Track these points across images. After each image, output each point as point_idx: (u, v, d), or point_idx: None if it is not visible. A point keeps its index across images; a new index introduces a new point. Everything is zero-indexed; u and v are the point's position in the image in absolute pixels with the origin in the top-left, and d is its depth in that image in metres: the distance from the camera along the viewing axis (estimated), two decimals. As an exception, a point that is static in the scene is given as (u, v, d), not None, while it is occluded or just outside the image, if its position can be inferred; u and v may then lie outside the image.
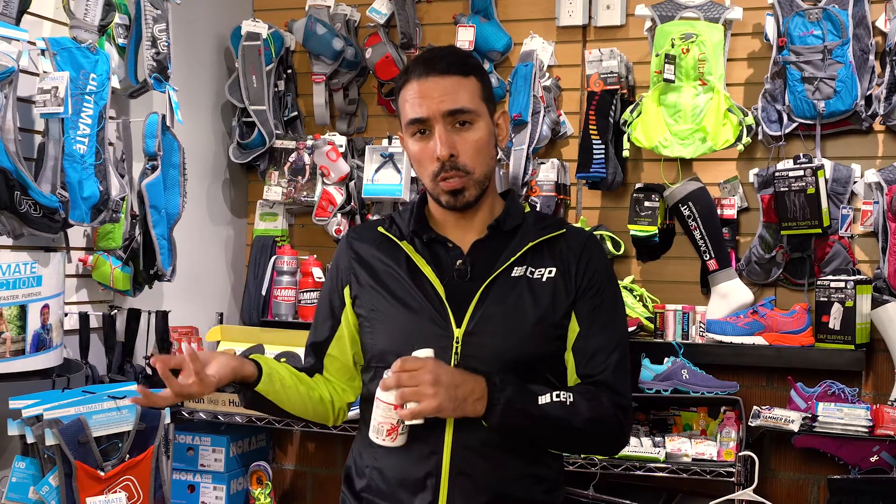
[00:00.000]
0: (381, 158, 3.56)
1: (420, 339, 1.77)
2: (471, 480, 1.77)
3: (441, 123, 1.79)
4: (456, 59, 1.83)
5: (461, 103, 1.80)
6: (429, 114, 1.79)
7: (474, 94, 1.82)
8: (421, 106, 1.79)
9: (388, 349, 1.82)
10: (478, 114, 1.82)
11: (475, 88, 1.83)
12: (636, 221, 3.29)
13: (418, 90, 1.80)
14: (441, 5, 3.74)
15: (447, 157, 1.78)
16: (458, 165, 1.80)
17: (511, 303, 1.81)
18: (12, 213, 2.53)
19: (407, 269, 1.84)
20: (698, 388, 3.10)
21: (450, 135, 1.79)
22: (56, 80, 2.64)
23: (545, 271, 1.84)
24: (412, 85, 1.82)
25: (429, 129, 1.80)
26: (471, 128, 1.81)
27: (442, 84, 1.79)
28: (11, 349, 2.61)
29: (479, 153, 1.82)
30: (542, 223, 1.91)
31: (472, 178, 1.81)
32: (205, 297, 3.75)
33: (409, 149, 1.86)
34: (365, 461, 1.86)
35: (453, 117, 1.79)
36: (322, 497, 3.80)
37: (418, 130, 1.82)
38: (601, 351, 1.83)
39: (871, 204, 3.17)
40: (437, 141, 1.79)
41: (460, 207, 1.83)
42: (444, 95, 1.79)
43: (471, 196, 1.82)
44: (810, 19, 3.15)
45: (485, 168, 1.84)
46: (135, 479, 2.58)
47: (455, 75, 1.81)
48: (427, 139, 1.81)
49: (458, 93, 1.80)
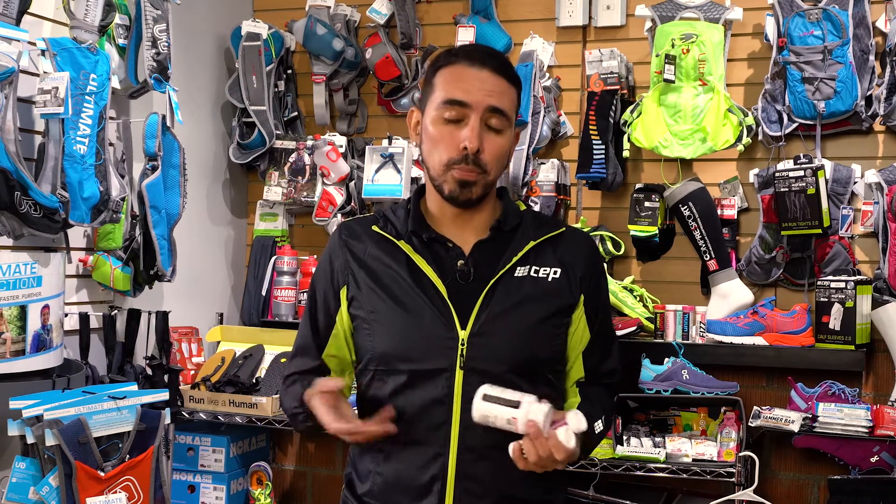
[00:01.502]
0: (381, 159, 3.56)
1: (424, 342, 1.77)
2: (476, 483, 1.77)
3: (479, 116, 1.78)
4: (509, 65, 1.85)
5: (504, 105, 1.80)
6: (474, 101, 1.77)
7: (513, 103, 1.84)
8: (469, 91, 1.78)
9: (390, 352, 1.80)
10: (509, 122, 1.83)
11: (514, 99, 1.84)
12: (636, 222, 3.29)
13: (470, 74, 1.79)
14: (441, 5, 3.74)
15: (475, 149, 1.77)
16: (480, 161, 1.79)
17: (516, 303, 1.80)
18: (12, 213, 2.53)
19: (407, 270, 1.82)
20: (698, 389, 3.10)
21: (482, 131, 1.79)
22: (56, 81, 2.63)
23: (550, 271, 1.84)
24: (462, 68, 1.80)
25: (462, 116, 1.78)
26: (500, 134, 1.81)
27: (493, 80, 1.80)
28: (11, 349, 2.61)
29: (500, 158, 1.83)
30: (540, 222, 1.92)
31: (486, 178, 1.81)
32: (205, 297, 3.75)
33: (430, 128, 1.82)
34: (366, 465, 1.84)
35: (491, 115, 1.79)
36: (322, 497, 3.80)
37: (450, 112, 1.79)
38: (608, 352, 1.92)
39: (872, 204, 3.17)
40: (470, 131, 1.77)
41: (462, 201, 1.82)
42: (493, 91, 1.79)
43: (477, 193, 1.82)
44: (810, 19, 3.15)
45: (498, 173, 1.84)
46: (135, 480, 2.58)
47: (505, 78, 1.82)
48: (456, 126, 1.79)
49: (503, 95, 1.80)
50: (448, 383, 1.76)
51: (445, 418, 1.76)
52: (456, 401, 1.76)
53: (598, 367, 1.90)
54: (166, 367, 3.20)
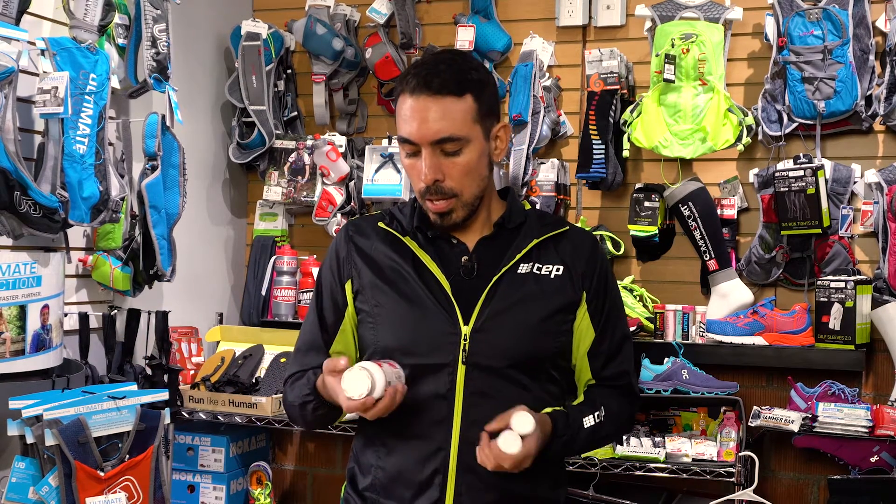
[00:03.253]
0: (381, 158, 3.56)
1: (427, 337, 1.78)
2: (477, 477, 1.77)
3: (429, 149, 1.77)
4: (452, 77, 1.77)
5: (450, 131, 1.76)
6: (419, 138, 1.77)
7: (467, 116, 1.78)
8: (410, 127, 1.77)
9: (394, 346, 1.81)
10: (468, 139, 1.78)
11: (469, 110, 1.78)
12: (636, 221, 3.29)
13: (410, 108, 1.77)
14: (441, 5, 3.74)
15: (432, 182, 1.78)
16: (444, 190, 1.79)
17: (518, 300, 1.81)
18: (12, 213, 2.52)
19: (412, 265, 1.83)
20: (698, 389, 3.10)
21: (436, 159, 1.77)
22: (56, 81, 2.63)
23: (553, 268, 1.85)
24: (405, 99, 1.79)
25: (416, 151, 1.79)
26: (459, 154, 1.78)
27: (434, 106, 1.75)
28: (11, 349, 2.61)
29: (468, 176, 1.80)
30: (544, 220, 1.92)
31: (460, 201, 1.81)
32: (205, 297, 3.75)
33: (402, 161, 1.85)
34: (368, 459, 1.85)
35: (441, 145, 1.77)
36: (322, 497, 3.80)
37: (406, 150, 1.81)
38: (617, 353, 1.90)
39: (871, 204, 3.17)
40: (424, 167, 1.77)
41: (448, 227, 1.84)
42: (435, 120, 1.75)
43: (458, 217, 1.82)
44: (810, 19, 3.15)
45: (474, 189, 1.82)
46: (134, 480, 2.57)
47: (449, 95, 1.76)
48: (416, 157, 1.80)
49: (447, 117, 1.76)
50: (450, 378, 1.78)
51: (447, 413, 1.77)
52: (458, 395, 1.77)
53: (604, 369, 1.89)
54: (166, 367, 3.20)
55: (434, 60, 1.81)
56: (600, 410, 1.84)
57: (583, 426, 1.81)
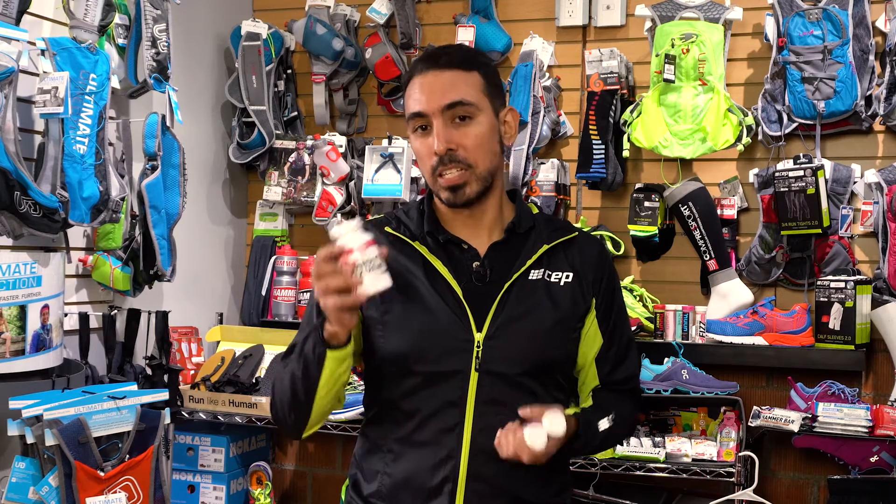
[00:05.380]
0: (381, 158, 3.56)
1: (440, 344, 1.75)
2: (487, 485, 1.76)
3: (440, 118, 1.76)
4: (459, 54, 1.82)
5: (460, 96, 1.77)
6: (427, 108, 1.77)
7: (476, 87, 1.79)
8: (420, 100, 1.78)
9: (406, 353, 1.77)
10: (478, 107, 1.79)
11: (477, 82, 1.80)
12: (636, 221, 3.29)
13: (421, 83, 1.79)
14: (441, 5, 3.74)
15: (444, 151, 1.76)
16: (458, 158, 1.76)
17: (530, 306, 1.79)
18: (12, 213, 2.53)
19: (423, 271, 1.80)
20: (698, 389, 3.10)
21: (448, 129, 1.77)
22: (56, 81, 2.63)
23: (563, 275, 1.83)
24: (414, 80, 1.81)
25: (429, 124, 1.78)
26: (471, 122, 1.78)
27: (442, 78, 1.78)
28: (11, 349, 2.61)
29: (481, 147, 1.78)
30: (552, 225, 1.91)
31: (474, 173, 1.78)
32: (205, 297, 3.75)
33: (412, 143, 1.84)
34: (374, 465, 1.82)
35: (452, 111, 1.77)
36: (322, 497, 3.80)
37: (419, 126, 1.79)
38: (624, 358, 1.90)
39: (871, 204, 3.17)
40: (435, 136, 1.76)
41: (461, 204, 1.80)
42: (443, 89, 1.77)
43: (472, 192, 1.79)
44: (810, 19, 3.15)
45: (488, 163, 1.80)
46: (135, 480, 2.58)
47: (456, 69, 1.79)
48: (427, 135, 1.79)
49: (457, 86, 1.77)
50: (462, 385, 1.75)
51: (458, 420, 1.75)
52: (469, 403, 1.75)
53: (612, 374, 1.89)
54: (166, 367, 3.20)
55: (438, 48, 1.87)
56: (613, 414, 1.83)
57: (598, 430, 1.81)
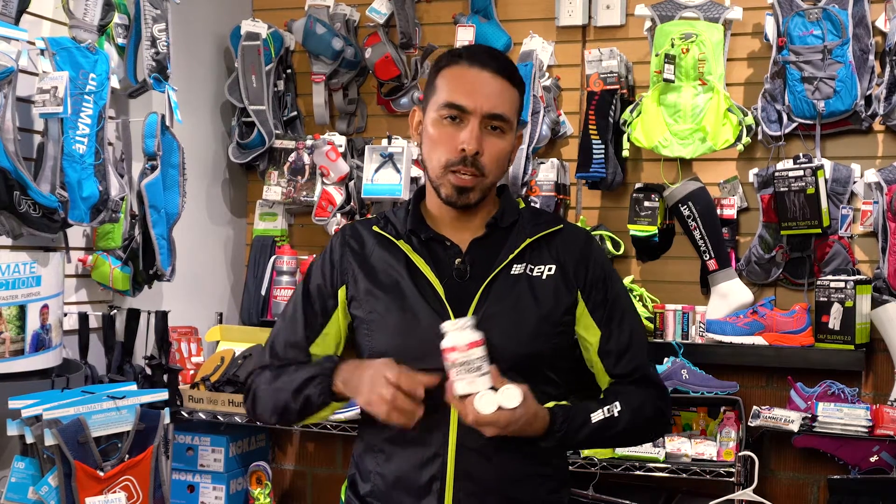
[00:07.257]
0: (381, 158, 3.55)
1: (422, 342, 1.75)
2: (475, 483, 1.76)
3: (478, 120, 1.77)
4: (510, 66, 1.83)
5: (503, 110, 1.79)
6: (474, 106, 1.77)
7: (514, 104, 1.82)
8: (468, 95, 1.78)
9: (389, 352, 1.78)
10: (511, 125, 1.81)
11: (516, 101, 1.83)
12: (636, 221, 3.29)
13: (470, 77, 1.79)
14: (441, 5, 3.74)
15: (473, 151, 1.77)
16: (479, 164, 1.78)
17: (512, 301, 1.79)
18: (11, 212, 2.52)
19: (406, 270, 1.81)
20: (698, 388, 3.10)
21: (481, 133, 1.78)
22: (55, 80, 2.63)
23: (545, 269, 1.83)
24: (464, 69, 1.80)
25: (462, 119, 1.78)
26: (501, 135, 1.80)
27: (493, 83, 1.79)
28: (11, 349, 2.61)
29: (500, 161, 1.81)
30: (537, 219, 1.90)
31: (484, 182, 1.80)
32: (204, 297, 3.75)
33: (431, 129, 1.82)
34: (368, 465, 1.84)
35: (491, 120, 1.78)
36: (322, 497, 3.80)
37: (450, 115, 1.79)
38: (629, 348, 1.86)
39: (871, 204, 3.17)
40: (470, 134, 1.77)
41: (460, 206, 1.81)
42: (492, 95, 1.78)
43: (474, 198, 1.81)
44: (810, 19, 3.15)
45: (497, 177, 1.83)
46: (134, 480, 2.57)
47: (507, 80, 1.80)
48: (456, 127, 1.79)
49: (503, 98, 1.79)
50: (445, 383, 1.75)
51: (443, 418, 1.75)
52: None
53: (618, 366, 1.86)
54: (166, 367, 3.20)
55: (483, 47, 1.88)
56: (614, 405, 1.80)
57: (589, 421, 1.78)
